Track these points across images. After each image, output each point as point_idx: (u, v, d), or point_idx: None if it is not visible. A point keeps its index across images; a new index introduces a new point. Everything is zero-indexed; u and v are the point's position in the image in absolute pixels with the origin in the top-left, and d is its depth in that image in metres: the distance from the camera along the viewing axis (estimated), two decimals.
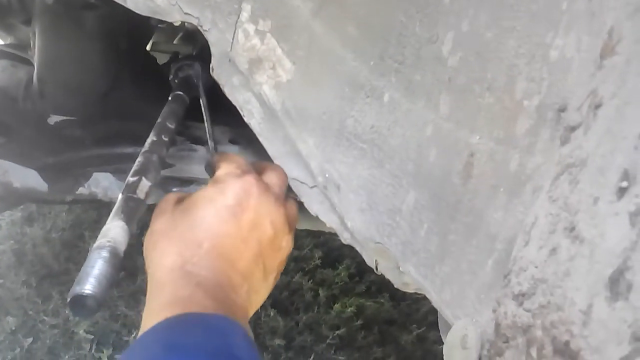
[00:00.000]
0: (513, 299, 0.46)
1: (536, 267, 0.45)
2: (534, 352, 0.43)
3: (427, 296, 0.66)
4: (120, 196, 0.63)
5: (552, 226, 0.44)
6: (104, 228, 0.56)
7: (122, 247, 0.54)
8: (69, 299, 0.47)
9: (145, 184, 0.66)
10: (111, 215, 0.59)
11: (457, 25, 0.65)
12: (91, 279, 0.48)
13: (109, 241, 0.53)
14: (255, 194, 0.73)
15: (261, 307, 1.78)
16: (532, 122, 0.53)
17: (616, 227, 0.39)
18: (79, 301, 0.47)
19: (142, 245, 0.64)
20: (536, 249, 0.45)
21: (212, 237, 0.67)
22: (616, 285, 0.38)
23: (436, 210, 0.65)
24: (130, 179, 0.67)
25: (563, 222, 0.43)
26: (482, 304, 0.54)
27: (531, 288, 0.45)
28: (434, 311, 0.68)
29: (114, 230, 0.55)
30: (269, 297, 1.77)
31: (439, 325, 0.74)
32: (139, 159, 0.74)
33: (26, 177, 1.16)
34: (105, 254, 0.51)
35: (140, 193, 0.65)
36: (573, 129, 0.46)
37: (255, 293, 0.72)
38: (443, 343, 0.60)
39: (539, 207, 0.48)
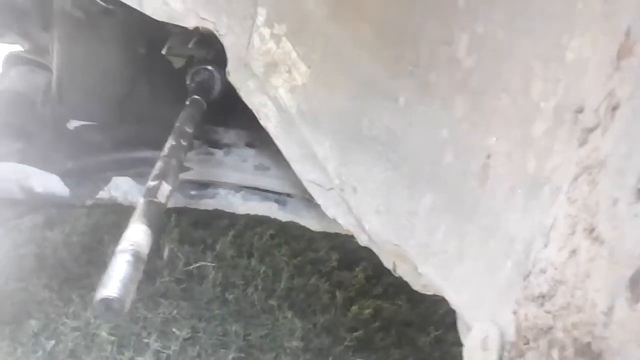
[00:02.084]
0: (533, 301, 0.46)
1: (556, 268, 0.45)
2: (555, 354, 0.43)
3: (446, 298, 0.66)
4: (141, 200, 0.64)
5: (572, 228, 0.44)
6: (127, 232, 0.57)
7: (145, 250, 0.55)
8: (95, 302, 0.48)
9: (165, 187, 0.67)
10: (133, 218, 0.60)
11: (472, 27, 0.65)
12: (117, 282, 0.49)
13: (131, 245, 0.54)
14: None
15: (279, 309, 1.79)
16: (549, 124, 0.53)
17: (636, 228, 0.39)
18: (106, 304, 0.48)
19: (160, 248, 0.64)
20: (556, 251, 0.46)
21: None
22: (637, 286, 0.38)
23: (453, 212, 0.65)
24: (151, 183, 0.68)
25: (582, 223, 0.43)
26: (501, 305, 0.54)
27: (551, 289, 0.45)
28: (451, 313, 0.68)
29: (137, 234, 0.56)
30: (286, 299, 1.77)
31: (458, 327, 0.74)
32: (159, 163, 0.76)
33: (48, 182, 1.18)
34: (129, 257, 0.52)
35: (161, 197, 0.66)
36: (591, 130, 0.46)
37: None
38: (461, 345, 0.60)
39: (558, 208, 0.48)
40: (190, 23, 0.98)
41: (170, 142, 0.85)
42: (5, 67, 1.53)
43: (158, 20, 1.01)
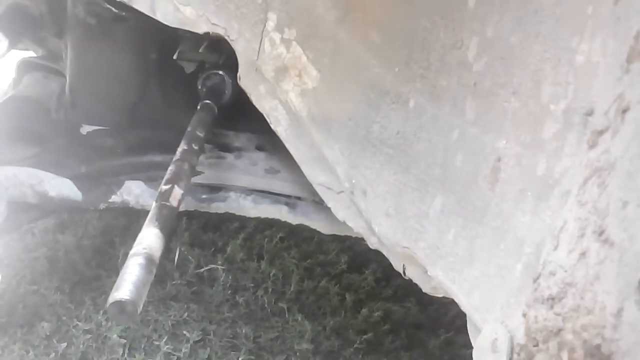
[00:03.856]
0: (543, 303, 0.47)
1: (566, 271, 0.45)
2: (564, 356, 0.43)
3: (456, 300, 0.66)
4: (154, 204, 0.65)
5: (581, 230, 0.44)
6: (140, 235, 0.58)
7: (157, 253, 0.56)
8: (108, 305, 0.49)
9: (177, 191, 0.68)
10: (146, 222, 0.60)
11: (481, 31, 0.65)
12: (130, 285, 0.50)
13: (144, 248, 0.55)
14: None
15: (288, 311, 1.80)
16: (558, 126, 0.54)
17: None
18: (119, 307, 0.49)
19: (170, 251, 0.65)
20: (565, 253, 0.46)
21: None
22: None
23: (463, 214, 0.65)
24: (163, 187, 0.69)
25: (592, 225, 0.43)
26: (511, 307, 0.54)
27: (561, 292, 0.45)
28: (461, 315, 0.68)
29: (149, 238, 0.57)
30: (296, 302, 1.78)
31: (468, 329, 0.74)
32: (171, 168, 0.77)
33: (61, 186, 1.19)
34: (141, 260, 0.53)
35: (173, 201, 0.67)
36: (601, 132, 0.46)
37: None
38: (471, 347, 0.60)
39: (568, 210, 0.48)
40: (201, 29, 1.00)
41: (182, 146, 0.86)
42: (18, 73, 1.55)
43: (169, 26, 1.03)
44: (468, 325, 0.70)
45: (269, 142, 1.29)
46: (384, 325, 1.76)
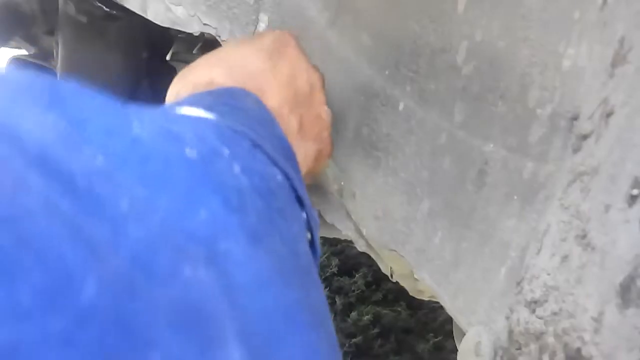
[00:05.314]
0: (526, 306, 0.47)
1: (548, 274, 0.45)
2: (546, 359, 0.43)
3: (441, 303, 0.66)
4: None
5: (564, 234, 0.45)
6: None
7: None
8: None
9: None
10: None
11: (470, 35, 0.65)
12: None
13: None
14: (294, 45, 0.66)
15: None
16: (545, 130, 0.54)
17: (627, 234, 0.39)
18: None
19: None
20: (548, 257, 0.46)
21: (245, 74, 0.60)
22: (627, 292, 0.38)
23: (450, 217, 0.65)
24: None
25: (575, 229, 0.44)
26: (495, 311, 0.54)
27: (543, 295, 0.45)
28: (451, 320, 0.69)
29: None
30: None
31: (454, 332, 0.74)
32: None
33: None
34: None
35: None
36: (585, 137, 0.47)
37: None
38: None
39: (551, 214, 0.48)
40: (192, 29, 0.99)
41: None
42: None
43: (161, 26, 1.02)
44: (454, 329, 0.70)
45: None
46: (373, 329, 1.76)
